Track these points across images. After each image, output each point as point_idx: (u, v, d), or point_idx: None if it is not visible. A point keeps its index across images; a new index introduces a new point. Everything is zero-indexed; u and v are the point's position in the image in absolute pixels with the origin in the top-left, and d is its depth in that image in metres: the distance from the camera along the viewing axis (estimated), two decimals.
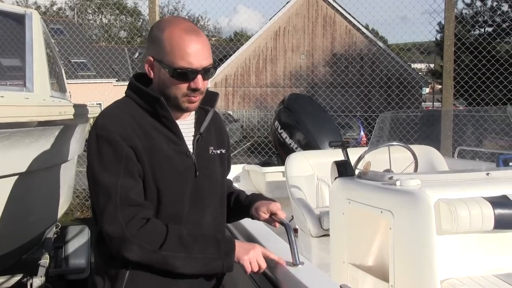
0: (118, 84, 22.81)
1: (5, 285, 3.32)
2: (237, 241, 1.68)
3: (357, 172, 2.53)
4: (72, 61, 22.63)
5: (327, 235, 2.81)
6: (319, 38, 24.19)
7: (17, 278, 3.33)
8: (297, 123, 4.32)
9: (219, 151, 1.83)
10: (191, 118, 1.79)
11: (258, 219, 1.90)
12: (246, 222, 2.18)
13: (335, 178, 2.55)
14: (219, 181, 1.82)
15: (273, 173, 4.13)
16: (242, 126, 21.54)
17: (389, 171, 2.58)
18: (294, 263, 1.70)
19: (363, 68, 22.95)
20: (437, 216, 1.93)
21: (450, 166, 3.43)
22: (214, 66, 1.68)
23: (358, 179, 2.43)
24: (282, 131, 4.40)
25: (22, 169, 2.64)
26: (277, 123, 4.48)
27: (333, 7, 24.00)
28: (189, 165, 1.70)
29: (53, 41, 4.34)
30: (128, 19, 36.17)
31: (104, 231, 1.56)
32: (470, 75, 6.70)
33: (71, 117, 3.00)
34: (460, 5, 18.55)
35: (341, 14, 23.93)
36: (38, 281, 3.16)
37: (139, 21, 33.15)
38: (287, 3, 24.24)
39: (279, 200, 1.99)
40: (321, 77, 22.28)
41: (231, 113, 21.95)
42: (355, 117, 14.81)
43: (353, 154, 2.86)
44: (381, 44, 24.02)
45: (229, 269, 1.62)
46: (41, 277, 3.19)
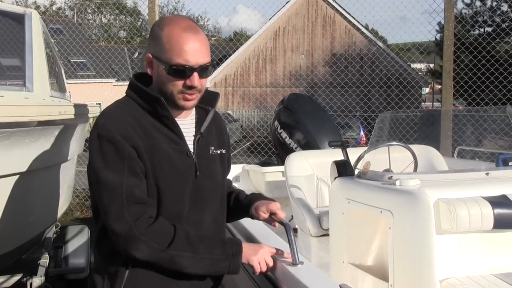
0: (117, 84, 22.83)
1: (5, 285, 3.32)
2: (244, 243, 1.68)
3: (356, 172, 2.53)
4: (71, 61, 22.62)
5: (327, 235, 2.81)
6: (319, 38, 24.18)
7: (16, 277, 3.33)
8: (296, 123, 4.32)
9: (219, 151, 1.83)
10: (191, 118, 1.79)
11: (257, 218, 1.90)
12: (245, 221, 2.18)
13: (335, 178, 2.55)
14: (219, 181, 1.82)
15: (273, 173, 4.13)
16: (241, 126, 21.53)
17: (388, 171, 2.58)
18: (293, 263, 1.69)
19: (363, 68, 22.94)
20: (436, 215, 1.93)
21: (449, 166, 3.43)
22: (212, 64, 1.68)
23: (357, 179, 2.43)
24: (281, 131, 4.40)
25: (22, 168, 2.64)
26: (276, 123, 4.48)
27: (332, 7, 23.99)
28: (189, 164, 1.70)
29: (52, 41, 4.34)
30: (127, 19, 36.17)
31: (110, 229, 1.56)
32: (469, 75, 6.69)
33: (71, 116, 3.00)
34: (459, 5, 18.58)
35: (340, 14, 23.92)
36: (37, 280, 3.16)
37: (139, 21, 33.12)
38: (287, 3, 24.23)
39: (278, 199, 1.99)
40: (320, 77, 22.27)
41: (230, 113, 21.93)
42: (354, 117, 14.83)
43: (353, 154, 2.86)
44: (380, 44, 24.02)
45: (235, 270, 1.62)
46: (40, 276, 3.19)
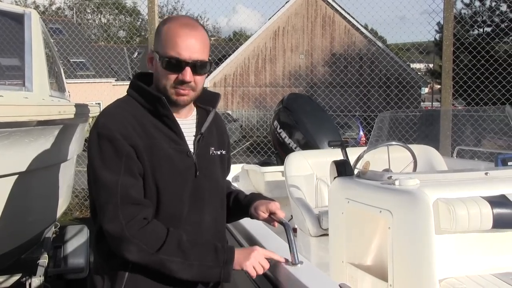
0: (117, 83, 22.85)
1: (4, 285, 3.31)
2: (237, 249, 1.65)
3: (356, 171, 2.53)
4: (71, 60, 22.61)
5: (326, 235, 2.81)
6: (318, 38, 24.17)
7: (16, 277, 3.33)
8: (296, 122, 4.32)
9: (219, 152, 1.83)
10: (192, 118, 1.79)
11: (257, 218, 1.90)
12: (245, 221, 2.18)
13: (334, 177, 2.55)
14: (219, 182, 1.82)
15: (272, 173, 4.13)
16: (241, 125, 21.54)
17: (388, 170, 2.58)
18: (293, 263, 1.69)
19: (362, 68, 22.93)
20: (436, 215, 1.93)
21: (449, 165, 3.43)
22: (210, 62, 1.68)
23: (357, 178, 2.43)
24: (281, 130, 4.40)
25: (21, 168, 2.64)
26: (276, 123, 4.48)
27: (332, 7, 23.98)
28: (189, 164, 1.69)
29: (52, 40, 4.34)
30: (127, 18, 36.20)
31: (104, 229, 1.56)
32: (469, 75, 6.69)
33: (71, 116, 3.00)
34: (459, 5, 18.54)
35: (340, 14, 23.90)
36: (37, 280, 3.16)
37: (138, 21, 33.17)
38: (286, 3, 24.21)
39: (278, 199, 1.99)
40: (320, 77, 22.27)
41: (230, 112, 21.92)
42: (354, 117, 14.84)
43: (352, 153, 2.87)
44: (380, 44, 24.00)
45: (226, 279, 1.59)
46: (40, 276, 3.18)
